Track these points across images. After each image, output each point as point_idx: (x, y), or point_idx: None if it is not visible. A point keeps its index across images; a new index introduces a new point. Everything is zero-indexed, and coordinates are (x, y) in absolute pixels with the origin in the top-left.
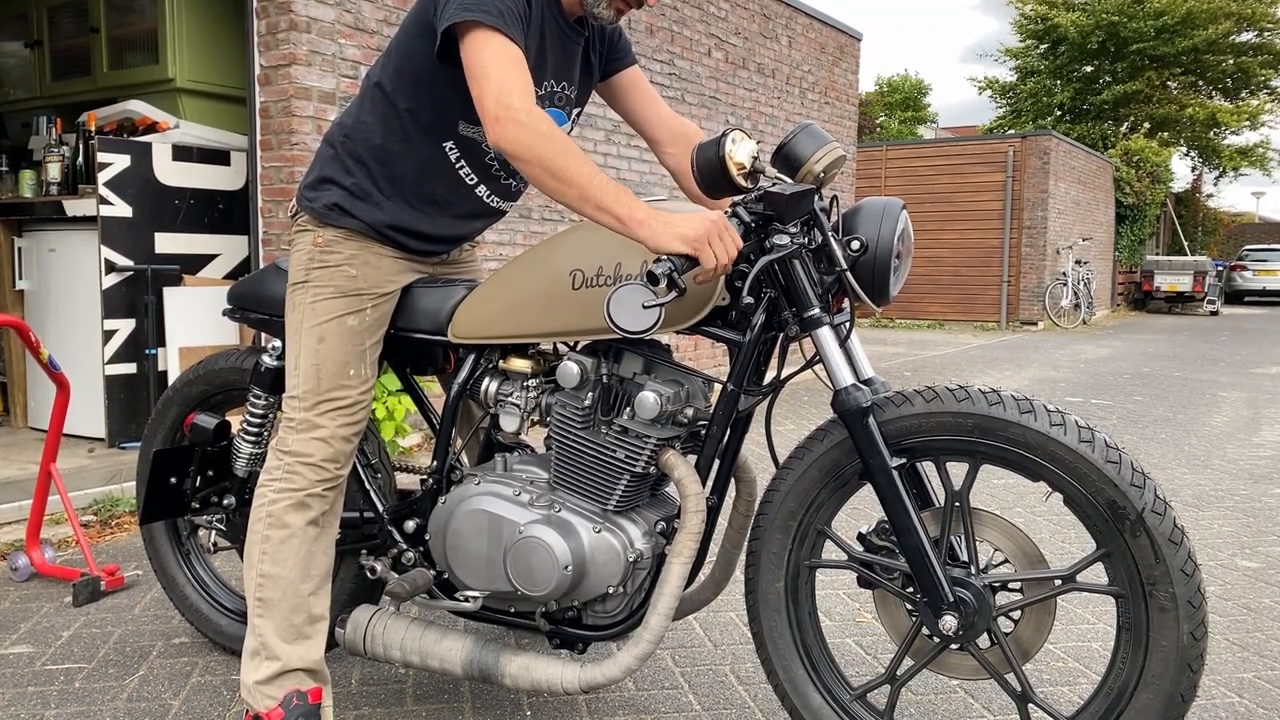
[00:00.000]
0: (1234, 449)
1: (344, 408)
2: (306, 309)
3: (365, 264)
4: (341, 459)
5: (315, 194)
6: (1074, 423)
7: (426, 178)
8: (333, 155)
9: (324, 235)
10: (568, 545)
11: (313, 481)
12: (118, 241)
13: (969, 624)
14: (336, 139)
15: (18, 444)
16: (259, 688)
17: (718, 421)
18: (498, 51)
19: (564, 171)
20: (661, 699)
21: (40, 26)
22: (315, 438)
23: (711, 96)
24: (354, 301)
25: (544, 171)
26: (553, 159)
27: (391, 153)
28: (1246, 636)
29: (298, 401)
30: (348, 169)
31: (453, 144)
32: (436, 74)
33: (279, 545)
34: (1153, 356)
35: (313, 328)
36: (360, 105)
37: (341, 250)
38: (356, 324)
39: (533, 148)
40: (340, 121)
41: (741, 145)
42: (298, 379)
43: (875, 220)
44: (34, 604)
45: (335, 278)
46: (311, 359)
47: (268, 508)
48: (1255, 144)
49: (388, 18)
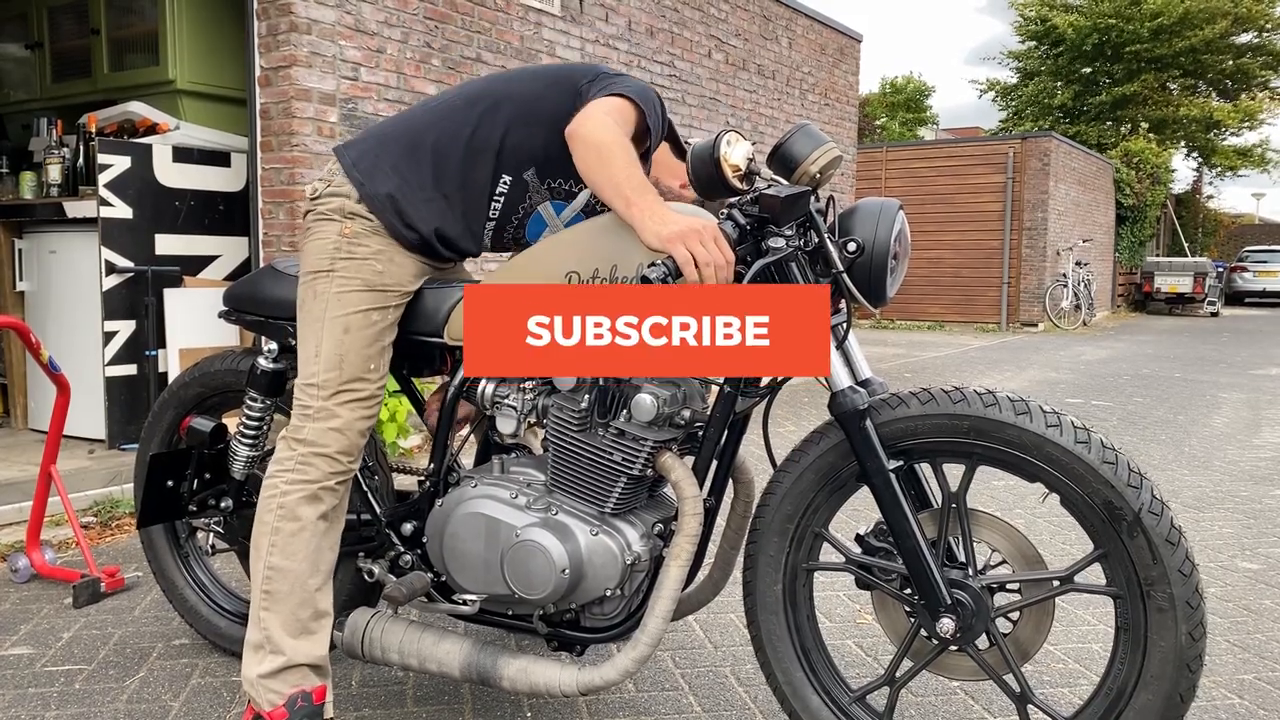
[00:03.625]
0: (1234, 450)
1: (362, 399)
2: (332, 298)
3: (390, 261)
4: (355, 452)
5: (362, 179)
6: (1070, 423)
7: (466, 189)
8: (398, 144)
9: (351, 227)
10: (565, 548)
11: (326, 474)
12: (118, 243)
13: (967, 626)
14: (397, 130)
15: (18, 445)
16: (263, 682)
17: (715, 423)
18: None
19: (611, 157)
20: (661, 700)
21: (40, 28)
22: (332, 428)
23: (712, 98)
24: (379, 297)
25: (594, 153)
26: (609, 145)
27: (455, 153)
28: (1247, 638)
29: (317, 390)
30: (402, 159)
31: (510, 180)
32: (550, 122)
33: (290, 538)
34: (1153, 358)
35: (338, 318)
36: (439, 104)
37: (369, 244)
38: (380, 320)
39: (601, 136)
40: (410, 116)
41: (736, 147)
42: (317, 366)
43: (872, 221)
44: (34, 605)
45: (362, 270)
46: (335, 348)
47: (279, 499)
48: (1254, 144)
49: (388, 19)
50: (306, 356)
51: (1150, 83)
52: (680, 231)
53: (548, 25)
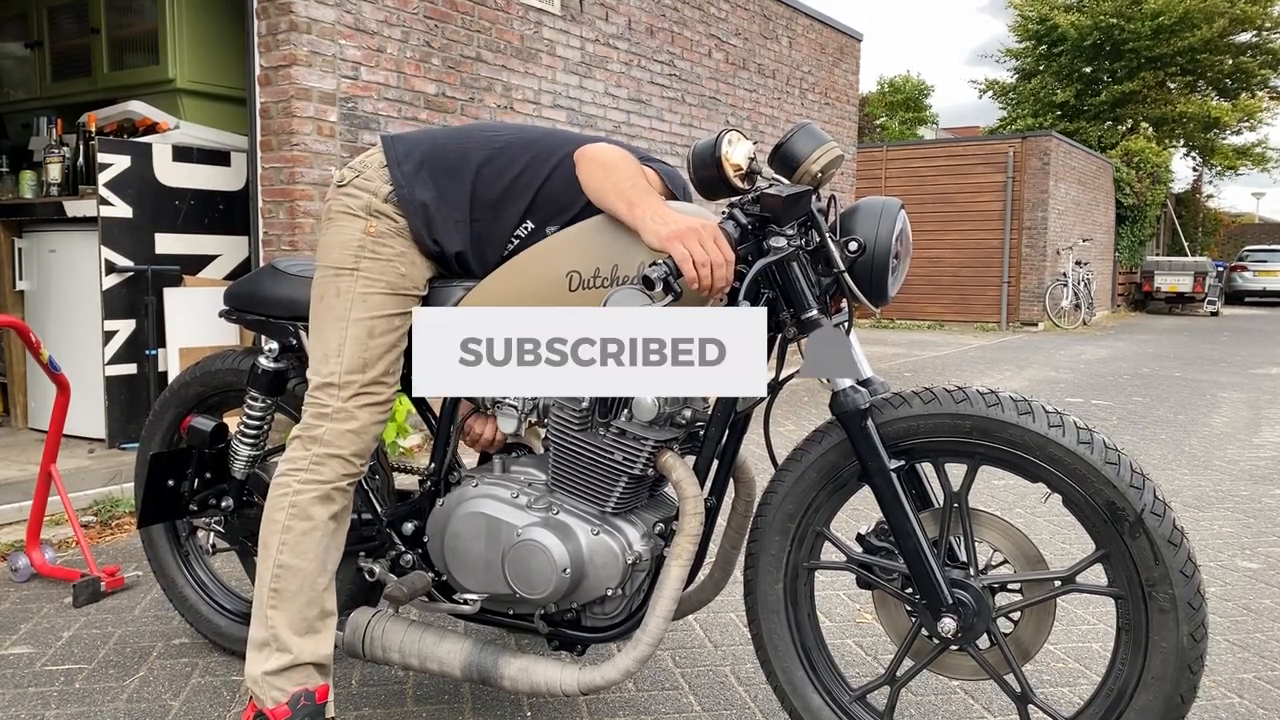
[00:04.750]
0: (1234, 450)
1: (380, 403)
2: (356, 299)
3: (412, 264)
4: (367, 454)
5: (414, 180)
6: (1073, 424)
7: (492, 225)
8: (444, 160)
9: (376, 226)
10: (566, 548)
11: (339, 475)
12: (118, 242)
13: (968, 625)
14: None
15: (18, 445)
16: (268, 679)
17: (716, 423)
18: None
19: (616, 168)
20: (661, 700)
21: (40, 27)
22: (350, 429)
23: (712, 97)
24: (402, 301)
25: (600, 166)
26: (613, 157)
27: (493, 193)
28: (1247, 637)
29: (337, 390)
30: (441, 176)
31: (531, 228)
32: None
33: (301, 537)
34: (1153, 357)
35: (363, 320)
36: (492, 141)
37: (393, 245)
38: (402, 324)
39: (608, 154)
40: (462, 140)
41: (738, 146)
42: (338, 366)
43: (873, 220)
44: (34, 605)
45: (386, 272)
46: (359, 350)
47: (292, 498)
48: (1254, 143)
49: (388, 19)
50: (325, 354)
51: (1149, 81)
52: (679, 231)
53: (548, 24)
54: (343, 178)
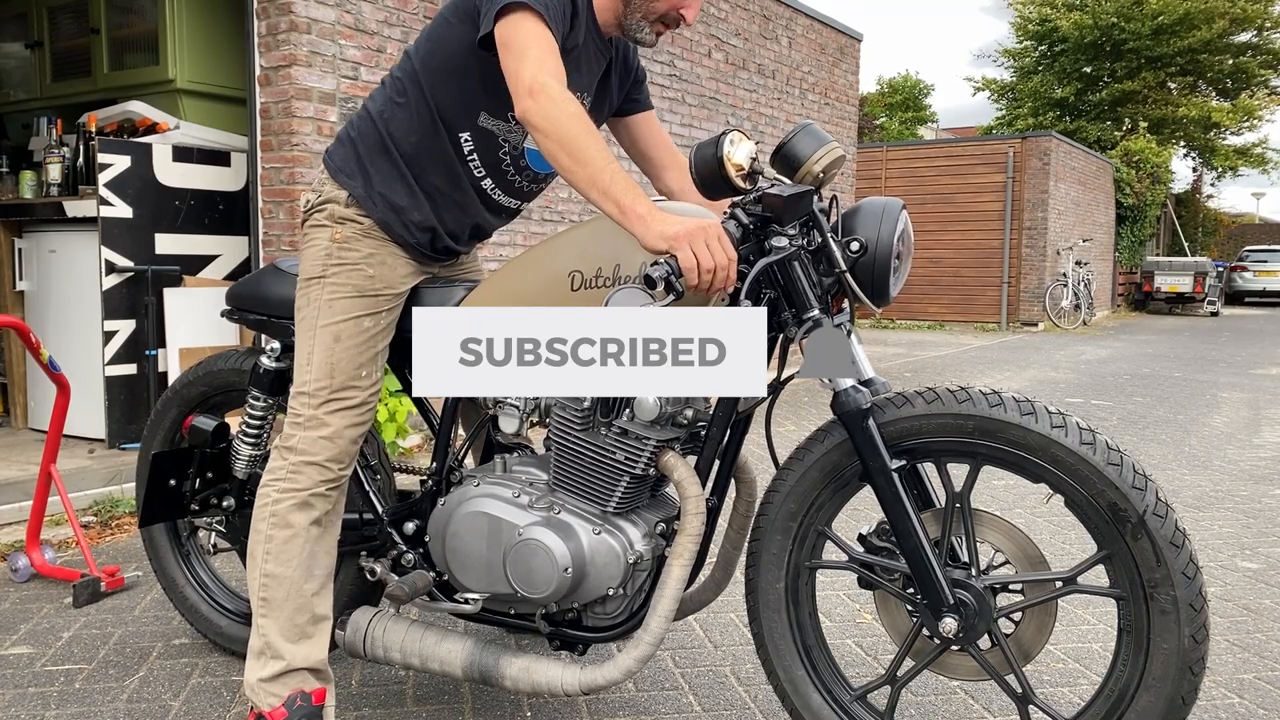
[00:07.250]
0: (1234, 450)
1: (353, 407)
2: (323, 306)
3: (382, 264)
4: (346, 459)
5: (350, 180)
6: (1075, 424)
7: (440, 167)
8: (368, 142)
9: (342, 232)
10: (567, 547)
11: (316, 481)
12: (118, 242)
13: (969, 626)
14: (366, 126)
15: (18, 445)
16: (263, 685)
17: (717, 423)
18: (540, 35)
19: (583, 152)
20: (662, 700)
21: (40, 27)
22: (322, 436)
23: (711, 97)
24: (371, 302)
25: (562, 148)
26: (575, 138)
27: (414, 140)
28: (1247, 638)
29: (308, 398)
30: (376, 156)
31: (469, 135)
32: (470, 63)
33: (282, 545)
34: (1153, 357)
35: (328, 325)
36: (386, 94)
37: (359, 248)
38: (372, 326)
39: (558, 121)
40: (372, 110)
41: (740, 146)
42: (309, 375)
43: (875, 221)
44: (34, 605)
45: (353, 276)
46: (326, 356)
47: (271, 507)
48: (1254, 144)
49: (388, 19)
50: (300, 363)
51: (1149, 81)
52: (684, 234)
53: None
54: (307, 202)
